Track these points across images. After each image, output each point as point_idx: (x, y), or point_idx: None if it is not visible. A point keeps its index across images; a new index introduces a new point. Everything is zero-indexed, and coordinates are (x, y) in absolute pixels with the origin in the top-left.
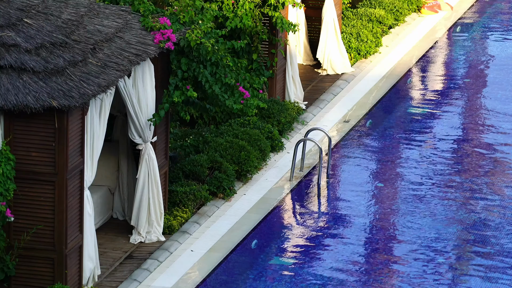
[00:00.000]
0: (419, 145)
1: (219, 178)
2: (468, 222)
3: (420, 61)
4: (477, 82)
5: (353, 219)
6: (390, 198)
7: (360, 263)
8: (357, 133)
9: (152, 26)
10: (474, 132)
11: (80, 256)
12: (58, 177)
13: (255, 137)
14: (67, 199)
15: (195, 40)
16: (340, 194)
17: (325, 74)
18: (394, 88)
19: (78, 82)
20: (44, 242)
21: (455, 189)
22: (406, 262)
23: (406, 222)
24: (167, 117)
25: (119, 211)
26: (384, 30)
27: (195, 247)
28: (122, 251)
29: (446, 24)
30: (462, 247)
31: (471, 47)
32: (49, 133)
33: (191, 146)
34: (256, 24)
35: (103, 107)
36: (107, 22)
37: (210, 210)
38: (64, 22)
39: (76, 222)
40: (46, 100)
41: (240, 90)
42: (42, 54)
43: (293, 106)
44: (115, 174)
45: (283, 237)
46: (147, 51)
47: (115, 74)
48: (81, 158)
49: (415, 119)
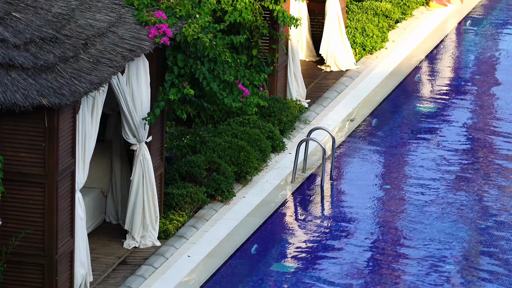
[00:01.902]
0: (427, 145)
1: (217, 180)
2: (479, 226)
3: (429, 57)
4: (488, 78)
5: (358, 223)
6: (397, 201)
7: (366, 269)
8: (362, 133)
9: (147, 20)
10: (485, 131)
11: (71, 262)
12: (48, 179)
13: (255, 137)
14: (57, 202)
15: (192, 35)
16: (344, 196)
17: (328, 71)
18: (401, 85)
19: (69, 79)
20: (33, 247)
21: (466, 191)
22: (414, 268)
23: (413, 226)
24: (162, 116)
25: (112, 214)
26: (390, 25)
27: (192, 253)
28: (116, 257)
29: (456, 18)
30: (473, 252)
31: (481, 42)
32: (38, 132)
33: (188, 146)
34: (256, 18)
35: (96, 105)
36: (99, 16)
37: (207, 214)
38: (54, 16)
39: (67, 226)
40: (35, 98)
41: (240, 88)
42: (31, 49)
43: (295, 104)
44: (108, 176)
45: (284, 242)
46: (142, 47)
47: (108, 70)
48: (72, 159)
49: (423, 118)
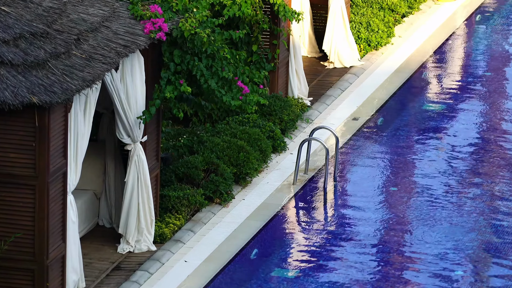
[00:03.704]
0: (435, 146)
1: (216, 182)
2: (489, 230)
3: (436, 53)
4: (498, 75)
5: (362, 227)
6: (403, 204)
7: (370, 275)
8: (367, 132)
9: (142, 15)
10: (495, 131)
11: (62, 268)
12: (38, 181)
13: (255, 136)
14: (48, 205)
15: (189, 30)
16: (349, 199)
17: (332, 68)
18: (408, 82)
19: (61, 76)
20: (23, 252)
21: (475, 194)
22: (422, 274)
23: (421, 230)
24: (158, 115)
25: (106, 217)
26: (396, 19)
27: (189, 258)
28: (109, 262)
29: (465, 12)
30: (483, 258)
31: (492, 38)
32: (28, 132)
33: (184, 146)
34: (256, 13)
35: (88, 103)
36: (92, 10)
37: (205, 217)
38: (45, 10)
39: (58, 230)
40: (25, 96)
41: (239, 85)
42: (21, 45)
43: (296, 102)
44: (101, 177)
45: (285, 246)
46: (137, 42)
47: (101, 67)
48: (64, 160)
49: (431, 116)
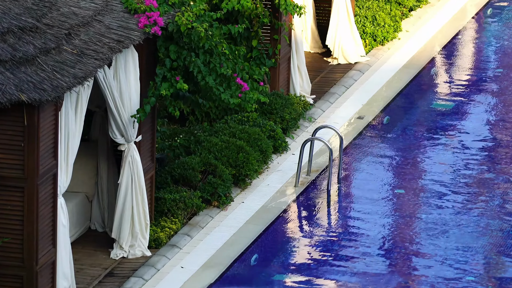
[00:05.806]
0: (444, 146)
1: (214, 184)
2: (500, 234)
3: (445, 49)
4: (510, 72)
5: (367, 231)
6: (411, 207)
7: (376, 281)
8: (372, 132)
9: (136, 8)
10: (507, 130)
11: (53, 274)
12: (27, 183)
13: (255, 136)
14: (38, 208)
15: (185, 24)
16: (353, 202)
17: (335, 64)
18: (416, 79)
19: (51, 72)
20: (11, 257)
21: (486, 196)
22: (429, 281)
23: (429, 234)
24: (153, 113)
25: (98, 221)
26: (404, 13)
27: (186, 263)
28: (102, 268)
29: (476, 5)
30: (494, 263)
31: (504, 33)
32: (17, 131)
33: (181, 146)
34: (256, 6)
35: (80, 101)
36: (84, 4)
37: (203, 221)
38: (34, 4)
39: (48, 235)
40: (13, 93)
41: (238, 82)
42: (9, 40)
43: (298, 100)
44: (94, 179)
45: (287, 251)
46: (131, 37)
47: (94, 63)
48: (54, 161)
49: (440, 115)
